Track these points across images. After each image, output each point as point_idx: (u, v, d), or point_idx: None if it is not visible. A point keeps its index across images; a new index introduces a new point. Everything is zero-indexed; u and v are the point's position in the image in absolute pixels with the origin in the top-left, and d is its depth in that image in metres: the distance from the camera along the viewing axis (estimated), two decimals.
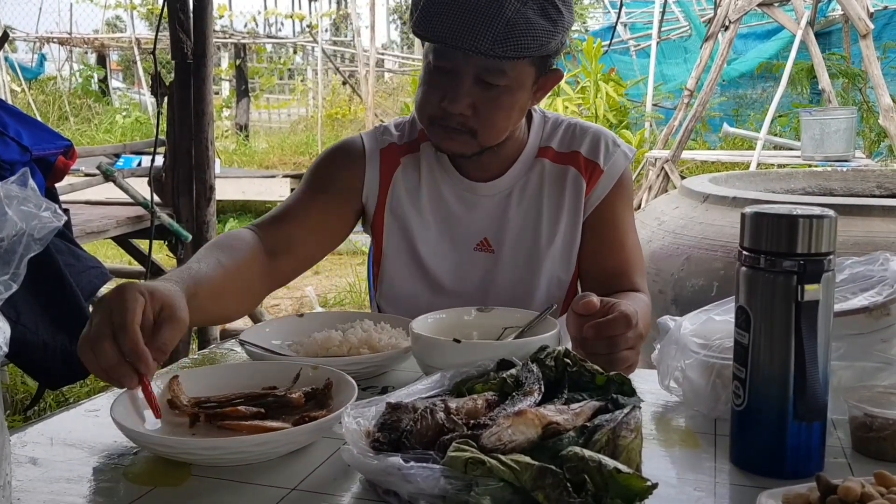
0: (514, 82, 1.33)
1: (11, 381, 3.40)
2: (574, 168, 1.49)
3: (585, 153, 1.49)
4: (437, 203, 1.50)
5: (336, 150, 1.55)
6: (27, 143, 2.13)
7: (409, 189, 1.51)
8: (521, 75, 1.34)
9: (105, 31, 16.40)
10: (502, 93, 1.33)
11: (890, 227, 2.30)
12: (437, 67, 1.34)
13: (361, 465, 0.80)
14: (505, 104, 1.34)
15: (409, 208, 1.50)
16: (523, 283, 1.49)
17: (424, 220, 1.50)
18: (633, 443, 0.82)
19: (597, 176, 1.48)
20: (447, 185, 1.50)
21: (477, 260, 1.50)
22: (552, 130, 1.52)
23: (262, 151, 12.20)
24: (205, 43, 3.27)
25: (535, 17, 1.26)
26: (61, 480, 0.88)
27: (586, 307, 1.08)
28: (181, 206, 3.46)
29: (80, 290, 2.03)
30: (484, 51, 1.23)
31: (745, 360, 0.88)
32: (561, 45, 1.34)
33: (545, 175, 1.49)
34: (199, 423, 0.98)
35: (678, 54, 10.51)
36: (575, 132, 1.52)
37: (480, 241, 1.50)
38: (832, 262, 0.86)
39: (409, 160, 1.52)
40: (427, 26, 1.27)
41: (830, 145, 5.74)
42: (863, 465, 0.90)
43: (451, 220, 1.50)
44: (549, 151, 1.50)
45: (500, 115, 1.35)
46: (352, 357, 1.19)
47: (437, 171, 1.51)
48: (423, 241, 1.50)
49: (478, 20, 1.23)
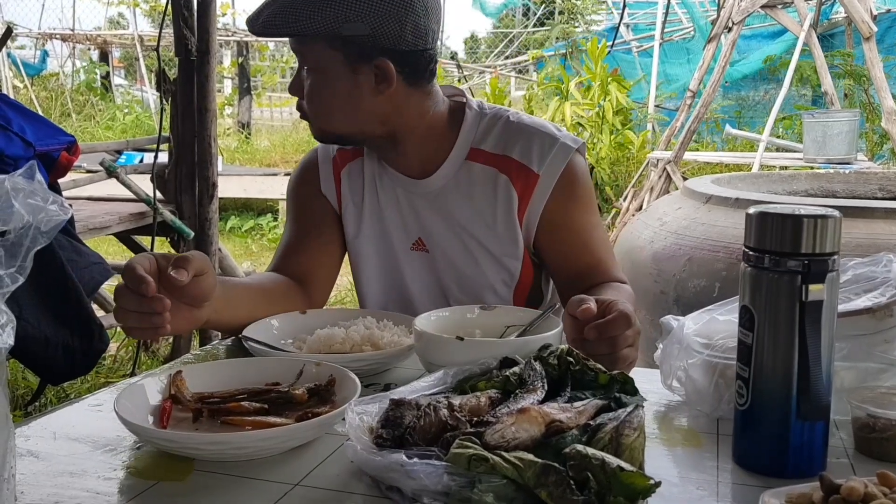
0: (318, 64, 1.37)
1: (13, 376, 3.41)
2: (504, 175, 1.44)
3: (518, 157, 1.44)
4: (376, 205, 1.53)
5: (298, 177, 1.61)
6: (31, 138, 2.13)
7: (355, 192, 1.54)
8: (322, 58, 1.36)
9: (108, 27, 16.40)
10: (311, 74, 1.39)
11: (892, 229, 2.30)
12: None
13: (364, 462, 0.80)
14: (318, 86, 1.39)
15: (354, 213, 1.54)
16: (463, 285, 1.49)
17: (364, 226, 1.53)
18: (635, 441, 0.82)
19: (532, 181, 1.43)
20: (384, 184, 1.52)
21: (414, 260, 1.51)
22: (488, 128, 1.47)
23: (264, 149, 12.20)
24: (208, 40, 3.27)
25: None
26: (64, 474, 0.88)
27: (584, 314, 1.08)
28: (184, 203, 3.46)
29: (82, 285, 2.03)
30: (258, 32, 1.34)
31: (748, 360, 0.88)
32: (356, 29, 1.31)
33: (475, 177, 1.46)
34: (203, 419, 0.98)
35: (681, 55, 10.51)
36: (510, 132, 1.46)
37: (415, 240, 1.50)
38: (836, 263, 0.86)
39: (354, 165, 1.55)
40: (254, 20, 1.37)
41: (833, 147, 5.73)
42: (865, 465, 0.90)
43: (388, 220, 1.52)
44: (481, 154, 1.46)
45: (315, 98, 1.40)
46: (355, 354, 1.19)
47: (377, 171, 1.53)
48: (365, 245, 1.53)
49: (266, 5, 1.34)
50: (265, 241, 7.71)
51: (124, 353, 3.89)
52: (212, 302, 1.19)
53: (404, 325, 1.29)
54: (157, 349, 3.96)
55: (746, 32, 8.35)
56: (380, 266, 1.54)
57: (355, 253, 1.56)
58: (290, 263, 1.51)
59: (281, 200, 8.22)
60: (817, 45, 6.49)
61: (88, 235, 3.29)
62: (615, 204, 7.32)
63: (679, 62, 10.33)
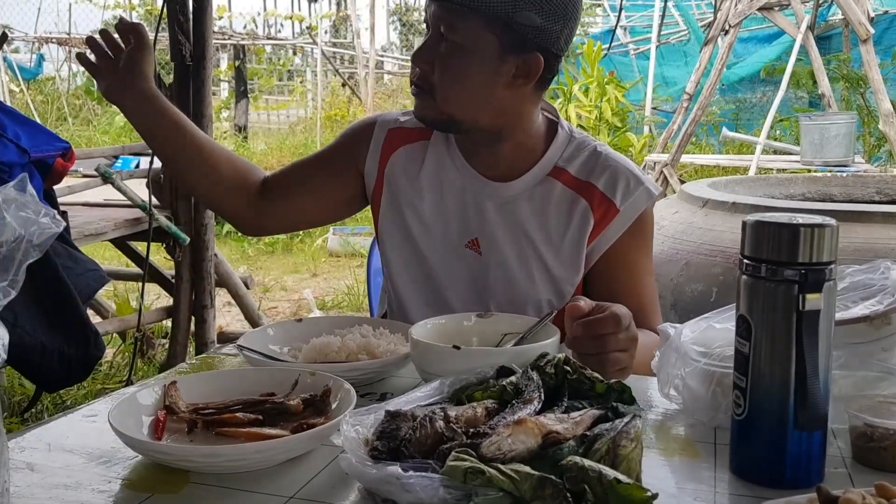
0: (467, 41, 1.33)
1: (8, 383, 3.40)
2: (586, 201, 1.43)
3: (602, 187, 1.43)
4: (435, 192, 1.48)
5: (355, 124, 1.60)
6: (26, 144, 2.13)
7: (409, 174, 1.50)
8: (475, 37, 1.33)
9: None
10: (456, 52, 1.34)
11: (890, 233, 2.30)
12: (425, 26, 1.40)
13: (360, 474, 0.80)
14: (455, 66, 1.35)
15: (407, 192, 1.50)
16: (510, 296, 1.46)
17: (419, 208, 1.49)
18: (632, 452, 0.82)
19: (612, 215, 1.43)
20: (451, 174, 1.48)
21: (465, 257, 1.48)
22: (575, 152, 1.47)
23: (261, 152, 12.19)
24: (204, 44, 3.27)
25: None
26: (59, 486, 0.87)
27: (572, 310, 1.08)
28: (179, 208, 3.45)
29: (77, 292, 2.03)
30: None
31: (745, 370, 0.88)
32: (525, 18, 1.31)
33: (554, 196, 1.45)
34: (197, 430, 0.97)
35: (678, 58, 10.52)
36: (597, 161, 1.46)
37: (471, 239, 1.47)
38: (834, 272, 0.85)
39: (416, 147, 1.51)
40: None
41: (830, 150, 5.74)
42: (863, 475, 0.90)
43: (446, 212, 1.48)
44: (565, 175, 1.45)
45: (447, 76, 1.36)
46: (350, 363, 1.19)
47: (446, 158, 1.49)
48: (416, 228, 1.49)
49: None
50: (261, 245, 7.70)
51: (120, 360, 3.89)
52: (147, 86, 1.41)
53: (400, 334, 1.29)
54: (153, 356, 3.95)
55: (743, 35, 8.36)
56: (422, 255, 1.49)
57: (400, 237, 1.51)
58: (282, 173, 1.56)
59: None
60: (814, 47, 6.50)
61: (84, 242, 3.28)
62: None
63: (676, 65, 10.34)
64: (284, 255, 7.29)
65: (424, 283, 1.50)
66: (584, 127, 8.10)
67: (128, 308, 4.28)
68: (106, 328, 3.50)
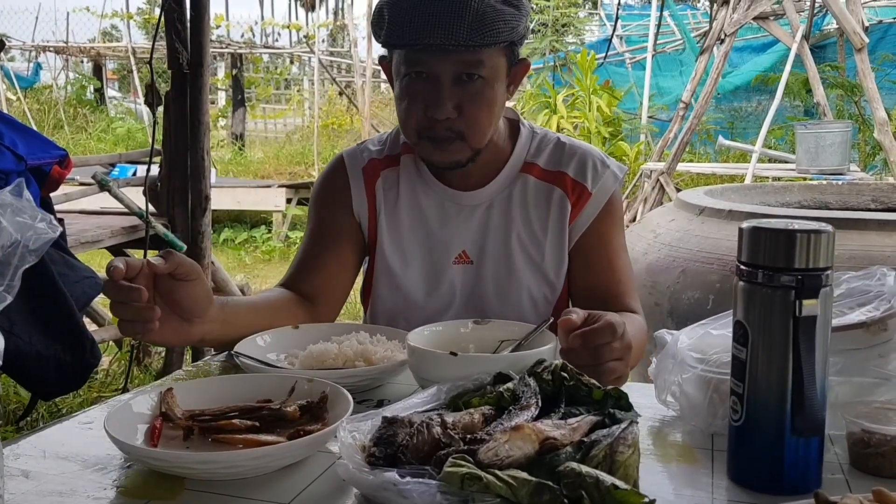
0: (492, 73, 1.34)
1: (4, 391, 3.38)
2: (560, 189, 1.47)
3: (573, 174, 1.48)
4: (415, 216, 1.50)
5: (323, 183, 1.56)
6: (22, 152, 2.12)
7: (389, 203, 1.51)
8: (497, 65, 1.35)
9: (101, 40, 16.41)
10: (483, 86, 1.34)
11: (885, 241, 2.31)
12: (414, 77, 1.35)
13: (357, 481, 0.80)
14: (487, 98, 1.35)
15: (389, 222, 1.51)
16: (505, 298, 1.47)
17: (402, 235, 1.50)
18: (630, 458, 0.81)
19: (585, 199, 1.47)
20: (427, 196, 1.50)
21: (455, 273, 1.49)
22: (539, 146, 1.51)
23: (258, 161, 12.20)
24: (201, 53, 3.27)
25: (499, 4, 1.29)
26: (54, 494, 0.87)
27: (564, 324, 1.08)
28: (176, 215, 3.45)
29: (74, 300, 2.02)
30: (462, 41, 1.26)
31: (742, 376, 0.88)
32: (525, 31, 1.36)
33: (528, 191, 1.48)
34: (193, 437, 0.97)
35: (674, 67, 10.55)
36: (563, 151, 1.50)
37: (459, 253, 1.49)
38: (830, 278, 0.85)
39: (389, 174, 1.52)
40: (400, 33, 1.30)
41: (825, 158, 5.76)
42: (860, 481, 0.90)
43: (429, 233, 1.50)
44: (535, 168, 1.49)
45: (483, 110, 1.36)
46: (347, 370, 1.18)
47: (418, 183, 1.51)
48: (400, 255, 1.50)
49: (447, 15, 1.26)
50: (259, 253, 7.69)
51: (116, 368, 3.87)
52: (206, 321, 1.19)
53: (397, 340, 1.28)
54: (150, 363, 3.94)
55: (738, 44, 8.39)
56: (420, 279, 1.50)
57: (387, 265, 1.51)
58: (304, 279, 1.48)
59: (274, 212, 8.21)
60: (809, 56, 6.52)
61: (80, 249, 3.28)
62: None
63: (672, 74, 10.37)
64: (281, 263, 7.29)
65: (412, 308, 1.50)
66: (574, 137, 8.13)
67: None
68: (102, 336, 3.49)
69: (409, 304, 1.50)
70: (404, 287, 1.50)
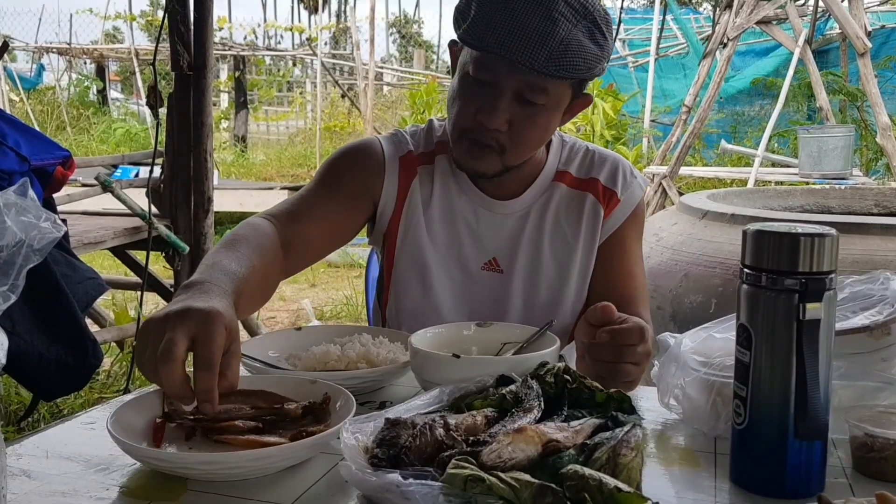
0: (553, 102, 1.32)
1: (5, 391, 3.38)
2: (592, 195, 1.48)
3: (604, 181, 1.49)
4: (447, 219, 1.48)
5: (357, 151, 1.50)
6: (26, 153, 2.13)
7: (423, 202, 1.48)
8: (561, 96, 1.33)
9: (104, 41, 16.44)
10: (540, 111, 1.32)
11: (888, 245, 2.31)
12: (476, 80, 1.32)
13: (359, 482, 0.79)
14: (541, 123, 1.33)
15: (420, 221, 1.48)
16: (534, 308, 1.46)
17: (434, 236, 1.48)
18: (633, 461, 0.81)
19: (613, 204, 1.48)
20: (462, 199, 1.48)
21: (484, 280, 1.47)
22: (570, 155, 1.52)
23: (261, 163, 12.22)
24: (205, 55, 3.28)
25: (585, 39, 1.26)
26: (56, 494, 0.87)
27: (605, 311, 1.08)
28: (179, 217, 3.46)
29: (76, 301, 2.02)
30: (539, 68, 1.22)
31: (746, 379, 0.88)
32: (601, 71, 1.33)
33: (562, 200, 1.48)
34: (196, 437, 0.97)
35: (676, 70, 10.56)
36: (594, 159, 1.51)
37: (489, 260, 1.47)
38: (834, 281, 0.85)
39: (425, 171, 1.49)
40: (481, 36, 1.26)
41: (828, 163, 5.76)
42: (863, 485, 0.90)
43: (460, 237, 1.48)
44: (567, 176, 1.49)
45: (534, 134, 1.34)
46: (350, 371, 1.18)
47: (453, 185, 1.48)
48: (430, 257, 1.47)
49: (533, 37, 1.22)
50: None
51: (118, 369, 3.87)
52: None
53: (400, 343, 1.28)
54: None
55: (741, 48, 8.39)
56: (447, 282, 1.48)
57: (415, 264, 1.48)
58: (294, 225, 1.38)
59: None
60: (812, 60, 6.53)
61: (83, 250, 3.28)
62: None
63: (675, 77, 10.38)
64: None
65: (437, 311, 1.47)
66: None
67: (126, 317, 4.27)
68: (104, 337, 3.49)
69: (434, 305, 1.47)
70: (432, 287, 1.47)
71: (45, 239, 0.73)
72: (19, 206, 0.73)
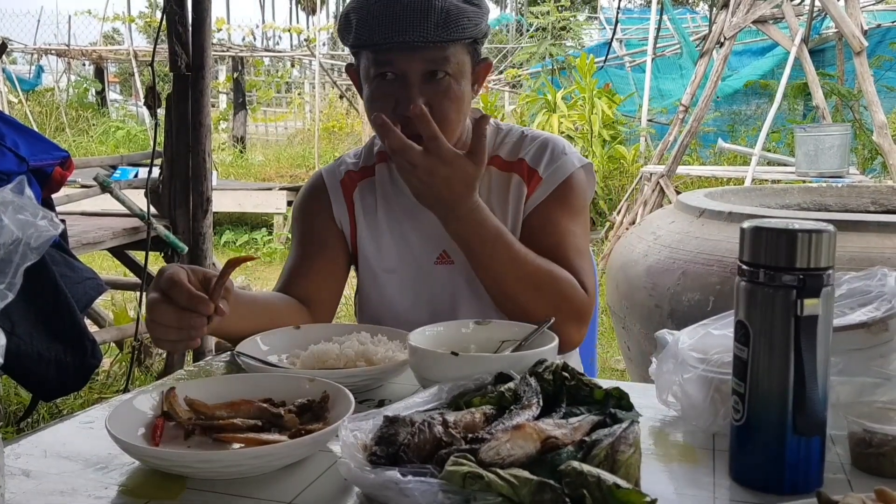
0: (457, 70, 1.37)
1: (4, 392, 3.39)
2: (518, 175, 1.50)
3: (529, 160, 1.50)
4: (394, 223, 1.53)
5: (306, 198, 1.60)
6: (24, 153, 2.12)
7: (367, 212, 1.55)
8: (462, 62, 1.38)
9: (103, 43, 16.42)
10: (450, 83, 1.37)
11: (885, 242, 2.31)
12: (381, 78, 1.37)
13: (358, 479, 0.79)
14: (455, 94, 1.37)
15: (366, 232, 1.54)
16: (482, 297, 1.46)
17: (382, 241, 1.53)
18: (631, 458, 0.81)
19: (535, 182, 1.49)
20: (403, 200, 1.51)
21: (440, 274, 1.50)
22: (503, 139, 1.54)
23: (259, 164, 12.21)
24: (203, 56, 3.27)
25: (461, 3, 1.34)
26: (55, 493, 0.87)
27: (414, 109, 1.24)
28: (178, 217, 3.45)
29: (75, 301, 2.02)
30: (432, 38, 1.30)
31: (744, 375, 0.88)
32: (487, 29, 1.40)
33: (492, 182, 1.51)
34: (195, 436, 0.97)
35: (673, 70, 10.56)
36: (524, 141, 1.53)
37: (440, 254, 1.50)
38: (831, 277, 0.85)
39: (365, 184, 1.57)
40: (368, 34, 1.33)
41: (825, 161, 5.76)
42: (862, 480, 0.90)
43: (408, 237, 1.52)
44: (496, 160, 1.52)
45: (452, 106, 1.38)
46: (348, 370, 1.18)
47: (394, 189, 1.54)
48: (384, 263, 1.53)
49: (414, 14, 1.31)
50: (260, 255, 7.69)
51: (117, 369, 3.87)
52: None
53: (399, 341, 1.29)
54: (151, 365, 3.94)
55: (737, 48, 8.39)
56: (404, 283, 1.52)
57: (372, 272, 1.54)
58: (295, 285, 1.51)
59: (275, 214, 8.22)
60: (808, 59, 6.53)
61: (82, 250, 3.28)
62: (609, 217, 7.33)
63: (672, 77, 10.38)
64: (282, 265, 7.25)
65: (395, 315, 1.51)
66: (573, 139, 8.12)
67: (125, 317, 4.27)
68: (103, 337, 3.49)
69: (396, 308, 1.52)
70: (389, 291, 1.53)
71: (42, 237, 0.73)
72: (16, 204, 0.73)
